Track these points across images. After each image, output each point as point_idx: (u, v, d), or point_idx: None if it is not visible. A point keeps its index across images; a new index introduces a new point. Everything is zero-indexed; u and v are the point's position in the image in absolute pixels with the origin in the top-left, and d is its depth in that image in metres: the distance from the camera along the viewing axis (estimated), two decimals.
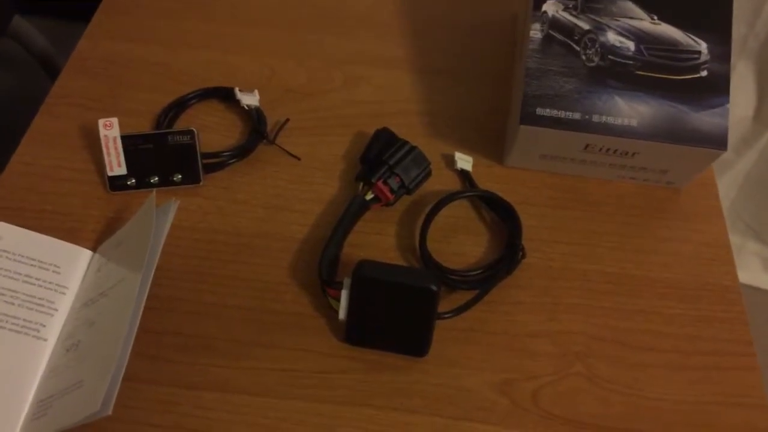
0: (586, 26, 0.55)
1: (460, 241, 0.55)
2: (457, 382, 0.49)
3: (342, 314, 0.48)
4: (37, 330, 0.47)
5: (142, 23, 0.69)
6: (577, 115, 0.54)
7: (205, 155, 0.57)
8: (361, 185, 0.56)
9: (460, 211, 0.57)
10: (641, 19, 0.55)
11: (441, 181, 0.59)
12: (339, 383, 0.48)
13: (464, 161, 0.59)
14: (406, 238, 0.55)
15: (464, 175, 0.59)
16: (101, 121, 0.55)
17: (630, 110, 0.53)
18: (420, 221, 0.55)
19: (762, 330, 0.62)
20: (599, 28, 0.55)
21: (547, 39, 0.55)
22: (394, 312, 0.48)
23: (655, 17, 0.55)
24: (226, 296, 0.52)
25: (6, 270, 0.48)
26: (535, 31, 0.55)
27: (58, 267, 0.50)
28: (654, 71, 0.54)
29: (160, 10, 0.70)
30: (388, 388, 0.48)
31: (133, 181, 0.56)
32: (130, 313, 0.43)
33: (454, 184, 0.59)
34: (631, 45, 0.54)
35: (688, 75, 0.54)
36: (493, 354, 0.50)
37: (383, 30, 0.70)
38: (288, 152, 0.60)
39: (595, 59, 0.54)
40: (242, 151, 0.59)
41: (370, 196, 0.55)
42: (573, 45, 0.55)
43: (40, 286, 0.49)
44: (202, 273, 0.53)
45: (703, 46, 0.54)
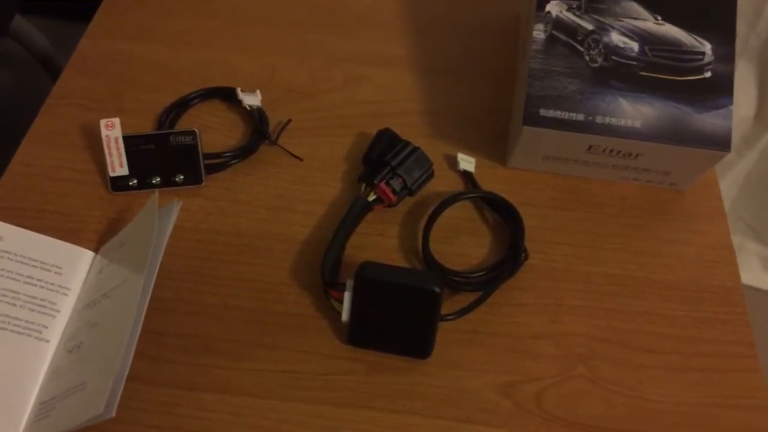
0: (589, 27, 0.55)
1: (463, 243, 0.55)
2: (460, 384, 0.49)
3: (345, 316, 0.48)
4: (39, 331, 0.47)
5: (143, 23, 0.69)
6: (580, 116, 0.53)
7: (207, 156, 0.57)
8: (364, 186, 0.56)
9: (463, 213, 0.57)
10: (645, 19, 0.55)
11: (443, 182, 0.58)
12: (341, 385, 0.48)
13: (467, 162, 0.59)
14: (408, 239, 0.55)
15: (467, 176, 0.59)
16: (103, 122, 0.55)
17: (633, 111, 0.53)
18: (422, 222, 0.55)
19: (763, 330, 0.62)
20: (603, 29, 0.55)
21: (550, 39, 0.55)
22: (396, 314, 0.48)
23: (659, 18, 0.55)
24: (227, 297, 0.51)
25: (7, 271, 0.48)
26: (539, 32, 0.55)
27: (60, 268, 0.50)
28: (658, 72, 0.54)
29: (161, 9, 0.70)
30: (390, 389, 0.48)
31: (135, 181, 0.56)
32: (132, 314, 0.43)
33: (457, 185, 0.59)
34: (634, 46, 0.54)
35: (692, 76, 0.53)
36: (496, 356, 0.50)
37: (384, 29, 0.70)
38: (290, 153, 0.59)
39: (599, 60, 0.54)
40: (244, 152, 0.58)
41: (372, 197, 0.55)
42: (576, 45, 0.55)
43: (42, 287, 0.49)
44: (203, 274, 0.52)
45: (707, 47, 0.54)
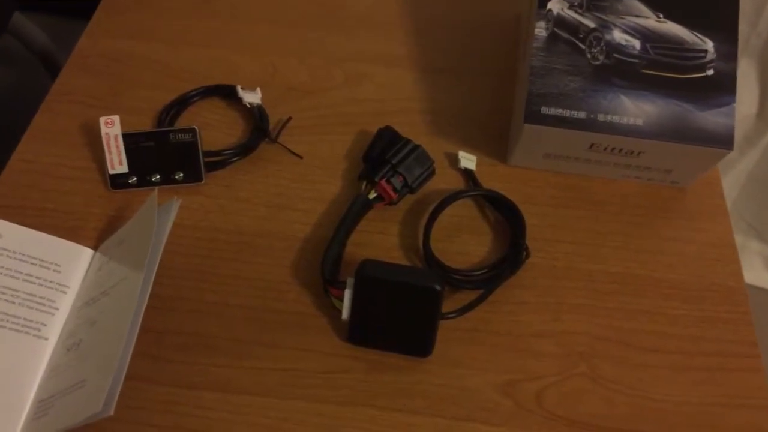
0: (591, 24, 0.54)
1: (464, 241, 0.55)
2: (461, 383, 0.48)
3: (345, 314, 0.48)
4: (37, 329, 0.47)
5: (143, 21, 0.68)
6: (582, 114, 0.53)
7: (207, 153, 0.57)
8: (364, 184, 0.56)
9: (464, 211, 0.57)
10: (647, 17, 0.54)
11: (444, 180, 0.58)
12: (341, 383, 0.48)
13: (468, 160, 0.59)
14: (409, 237, 0.55)
15: (468, 174, 0.59)
16: (102, 119, 0.55)
17: (635, 109, 0.53)
18: (423, 220, 0.55)
19: (766, 330, 0.62)
20: (605, 27, 0.54)
21: (552, 37, 0.55)
22: (397, 312, 0.47)
23: (660, 15, 0.54)
24: (227, 295, 0.51)
25: (6, 268, 0.48)
26: (540, 29, 0.55)
27: (59, 266, 0.50)
28: (660, 70, 0.53)
29: (161, 7, 0.70)
30: (390, 388, 0.48)
31: (135, 179, 0.56)
32: (132, 312, 0.43)
33: (458, 183, 0.59)
34: (636, 43, 0.54)
35: (694, 74, 0.53)
36: (497, 354, 0.50)
37: (385, 28, 0.70)
38: (290, 151, 0.59)
39: (601, 58, 0.54)
40: (244, 150, 0.58)
41: (373, 195, 0.55)
42: (578, 43, 0.54)
43: (41, 285, 0.49)
44: (203, 272, 0.52)
45: (710, 45, 0.54)
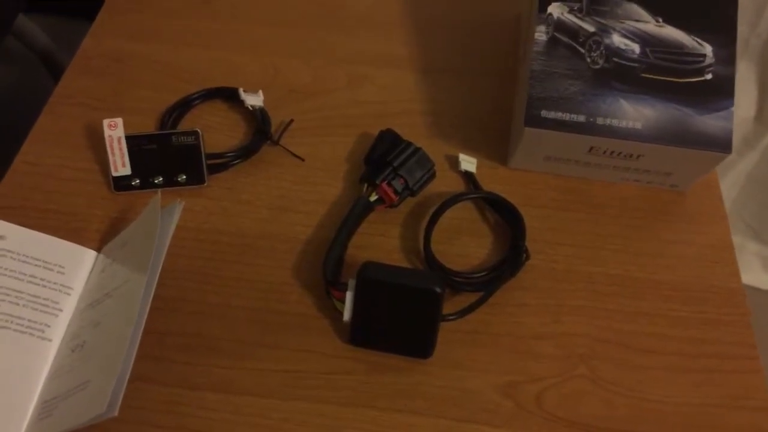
0: (591, 29, 0.55)
1: (464, 243, 0.55)
2: (461, 384, 0.49)
3: (347, 315, 0.48)
4: (41, 330, 0.47)
5: (146, 23, 0.69)
6: (581, 118, 0.54)
7: (210, 156, 0.57)
8: (366, 186, 0.56)
9: (464, 213, 0.57)
10: (646, 21, 0.55)
11: (445, 183, 0.59)
12: (343, 384, 0.48)
13: (468, 163, 0.59)
14: (410, 239, 0.55)
15: (468, 176, 0.59)
16: (106, 122, 0.55)
17: (635, 113, 0.53)
18: (424, 223, 0.55)
19: (764, 331, 0.62)
20: (604, 31, 0.55)
21: (552, 41, 0.55)
22: (398, 314, 0.48)
23: (660, 20, 0.55)
24: (230, 297, 0.52)
25: (10, 270, 0.48)
26: (540, 33, 0.55)
27: (63, 267, 0.50)
28: (659, 74, 0.54)
29: (164, 9, 0.70)
30: (391, 389, 0.48)
31: (138, 181, 0.56)
32: (135, 314, 0.43)
33: (458, 185, 0.59)
34: (636, 47, 0.54)
35: (693, 78, 0.54)
36: (498, 356, 0.50)
37: (387, 29, 0.70)
38: (292, 153, 0.60)
39: (600, 62, 0.54)
40: (246, 152, 0.59)
41: (374, 197, 0.55)
42: (578, 47, 0.55)
43: (45, 287, 0.49)
44: (206, 273, 0.53)
45: (708, 49, 0.54)
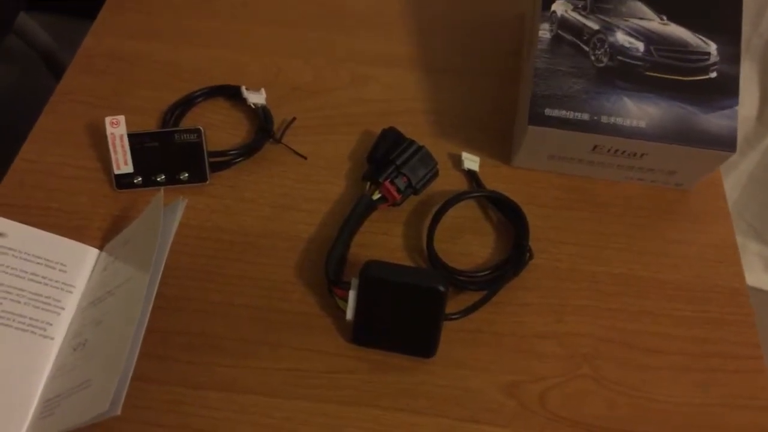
0: (595, 26, 0.55)
1: (467, 242, 0.55)
2: (464, 384, 0.49)
3: (349, 314, 0.48)
4: (43, 329, 0.47)
5: (148, 20, 0.69)
6: (585, 116, 0.53)
7: (212, 154, 0.57)
8: (368, 185, 0.56)
9: (467, 212, 0.57)
10: (650, 19, 0.55)
11: (448, 181, 0.58)
12: (345, 383, 0.48)
13: (471, 161, 0.59)
14: (413, 238, 0.55)
15: (471, 175, 0.59)
16: (108, 119, 0.55)
17: (639, 111, 0.53)
18: (427, 221, 0.55)
19: (767, 331, 0.62)
20: (608, 29, 0.55)
21: (555, 39, 0.55)
22: (401, 312, 0.48)
23: (664, 18, 0.55)
24: (232, 295, 0.51)
25: (12, 268, 0.48)
26: (544, 31, 0.55)
27: (65, 265, 0.50)
28: (663, 72, 0.54)
29: (166, 7, 0.70)
30: (394, 388, 0.48)
31: (140, 179, 0.56)
32: (137, 312, 0.43)
33: (461, 184, 0.59)
34: (640, 46, 0.54)
35: (698, 76, 0.53)
36: (501, 355, 0.50)
37: (389, 28, 0.70)
38: (295, 151, 0.59)
39: (604, 60, 0.54)
40: (249, 150, 0.58)
41: (377, 195, 0.55)
42: (582, 45, 0.55)
43: (47, 285, 0.49)
44: (208, 272, 0.52)
45: (713, 47, 0.54)
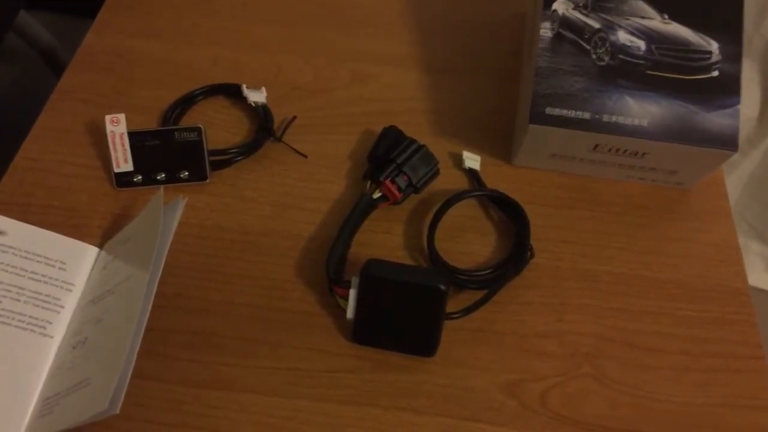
0: (596, 25, 0.55)
1: (468, 241, 0.55)
2: (465, 383, 0.48)
3: (350, 313, 0.48)
4: (43, 327, 0.47)
5: (149, 19, 0.68)
6: (587, 115, 0.53)
7: (212, 152, 0.57)
8: (369, 184, 0.56)
9: (468, 211, 0.57)
10: (652, 18, 0.55)
11: (449, 180, 0.58)
12: (345, 383, 0.48)
13: (472, 160, 0.59)
14: (413, 237, 0.55)
15: (472, 174, 0.59)
16: (108, 117, 0.55)
17: (640, 110, 0.53)
18: (428, 220, 0.55)
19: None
20: (610, 27, 0.54)
21: (557, 38, 0.55)
22: (402, 311, 0.47)
23: (666, 16, 0.55)
24: (233, 294, 0.51)
25: (12, 266, 0.48)
26: (545, 30, 0.55)
27: (65, 264, 0.50)
28: (665, 71, 0.54)
29: (167, 5, 0.70)
30: (394, 387, 0.48)
31: (140, 177, 0.56)
32: (137, 311, 0.43)
33: (462, 183, 0.59)
34: (641, 44, 0.54)
35: (699, 75, 0.53)
36: (501, 354, 0.50)
37: (390, 27, 0.70)
38: (295, 150, 0.59)
39: (606, 58, 0.54)
40: (249, 149, 0.58)
41: (377, 194, 0.55)
42: (583, 44, 0.54)
43: (46, 283, 0.49)
44: (209, 270, 0.52)
45: (714, 46, 0.54)
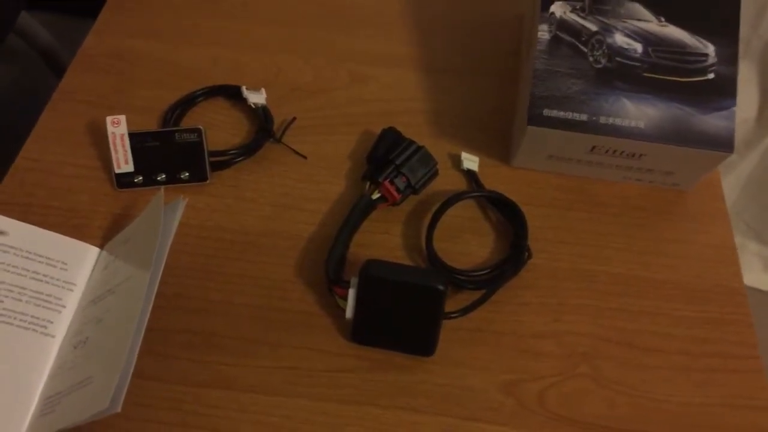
0: (593, 28, 0.55)
1: (466, 241, 0.56)
2: (463, 382, 0.49)
3: (349, 313, 0.48)
4: (44, 327, 0.47)
5: (149, 20, 0.69)
6: (584, 117, 0.54)
7: (212, 153, 0.57)
8: (368, 184, 0.56)
9: (467, 211, 0.57)
10: (649, 21, 0.55)
11: (447, 181, 0.59)
12: (345, 382, 0.48)
13: (470, 161, 0.59)
14: (412, 237, 0.55)
15: (470, 175, 0.59)
16: (109, 119, 0.55)
17: (637, 112, 0.53)
18: (426, 221, 0.55)
19: (765, 331, 0.62)
20: (607, 30, 0.55)
21: (554, 40, 0.55)
22: (400, 311, 0.48)
23: (662, 19, 0.55)
24: (233, 294, 0.52)
25: (13, 266, 0.48)
26: (543, 32, 0.55)
27: (66, 264, 0.50)
28: (661, 73, 0.54)
29: (167, 6, 0.70)
30: (394, 387, 0.48)
31: (140, 178, 0.56)
32: (138, 310, 0.43)
33: (461, 184, 0.59)
34: (638, 47, 0.54)
35: (696, 77, 0.54)
36: (500, 354, 0.50)
37: (390, 28, 0.70)
38: (295, 151, 0.60)
39: (603, 61, 0.54)
40: (249, 150, 0.59)
41: (376, 195, 0.55)
42: (580, 46, 0.55)
43: (48, 283, 0.49)
44: (209, 271, 0.53)
45: (711, 49, 0.54)
